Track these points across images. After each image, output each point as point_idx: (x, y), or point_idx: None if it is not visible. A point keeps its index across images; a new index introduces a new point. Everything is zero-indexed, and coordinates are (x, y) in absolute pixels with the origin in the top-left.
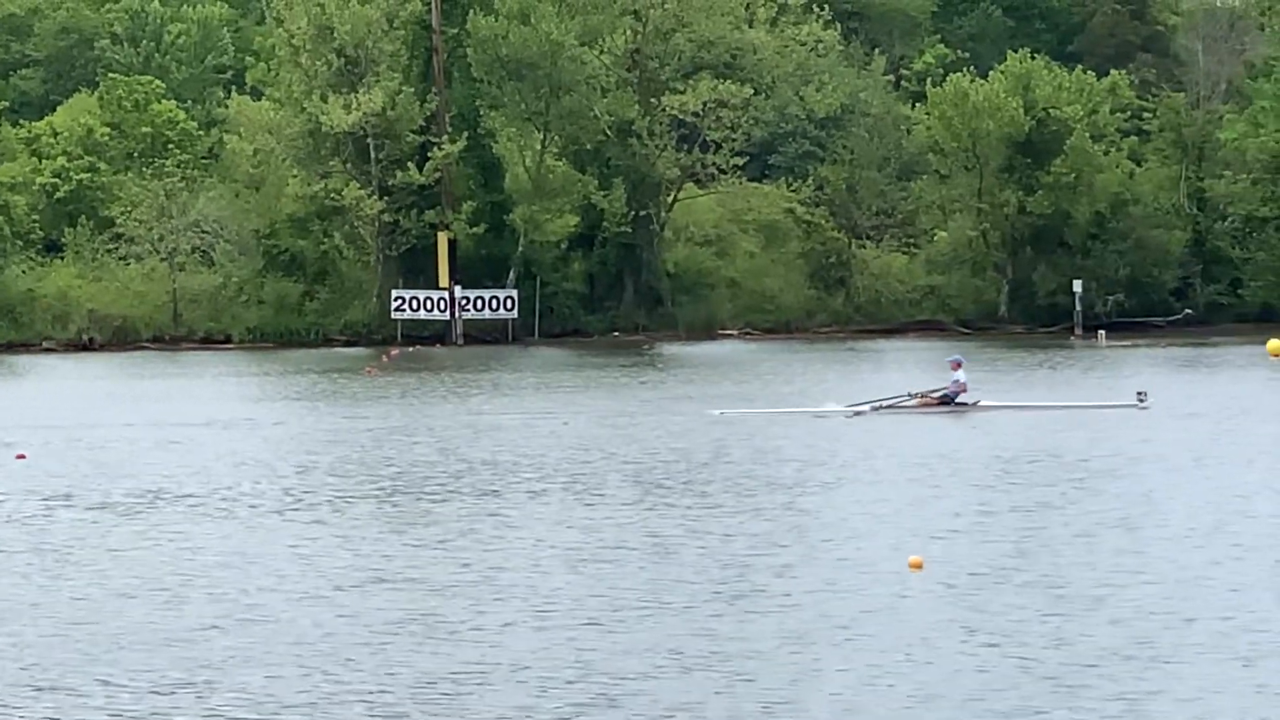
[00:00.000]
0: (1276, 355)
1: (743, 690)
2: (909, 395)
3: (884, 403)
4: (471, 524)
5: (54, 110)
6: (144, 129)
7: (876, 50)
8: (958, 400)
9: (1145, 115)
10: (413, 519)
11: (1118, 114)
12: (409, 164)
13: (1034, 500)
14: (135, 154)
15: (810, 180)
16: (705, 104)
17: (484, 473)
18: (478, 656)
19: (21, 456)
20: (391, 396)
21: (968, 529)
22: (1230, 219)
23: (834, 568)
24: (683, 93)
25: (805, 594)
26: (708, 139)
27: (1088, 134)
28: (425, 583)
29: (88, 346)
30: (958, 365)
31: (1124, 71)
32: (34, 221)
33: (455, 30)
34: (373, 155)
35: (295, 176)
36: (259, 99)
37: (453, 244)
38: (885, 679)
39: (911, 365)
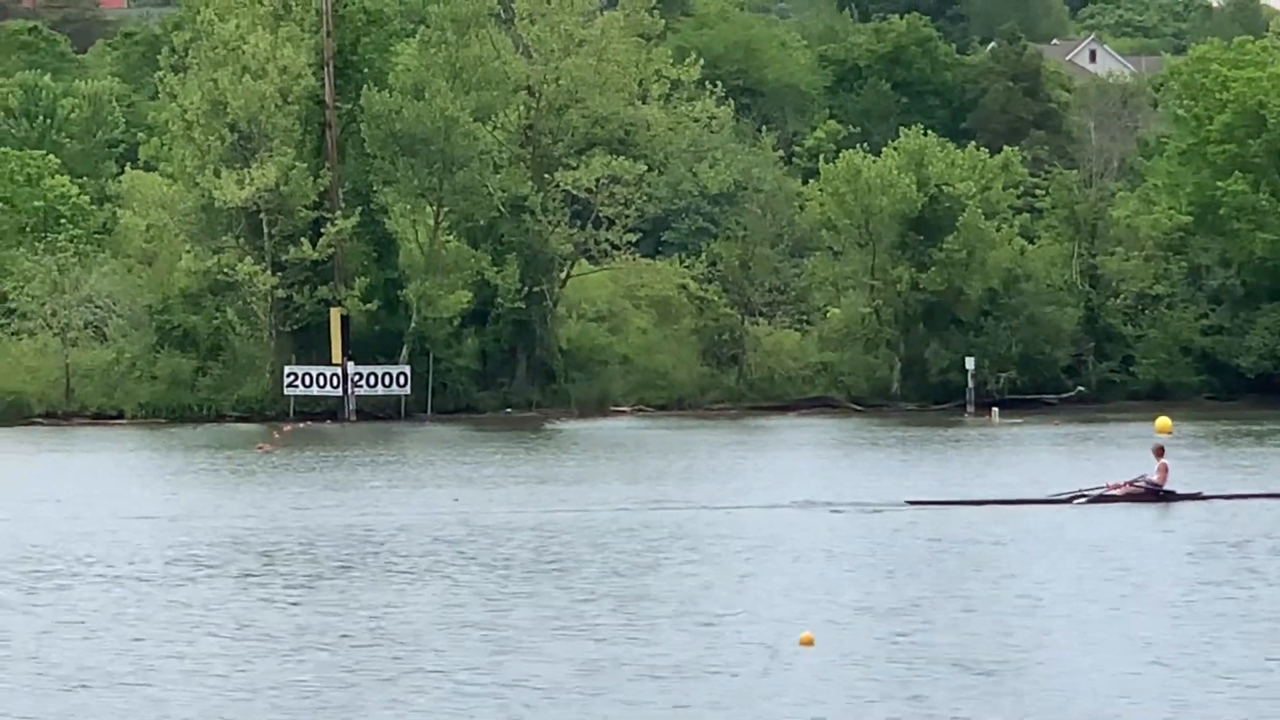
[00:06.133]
0: (1164, 433)
1: None
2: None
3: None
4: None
5: None
6: (36, 203)
7: (768, 126)
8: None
9: (1038, 192)
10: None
11: (1010, 190)
12: (302, 239)
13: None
14: (27, 228)
15: (703, 256)
16: (599, 180)
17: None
18: None
19: None
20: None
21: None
22: (1122, 296)
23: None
24: (576, 169)
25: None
26: (601, 215)
27: (980, 210)
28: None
29: None
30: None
31: (1016, 148)
32: None
33: (349, 105)
34: (266, 230)
35: (188, 252)
36: (152, 173)
37: (345, 320)
38: None
39: (804, 442)
